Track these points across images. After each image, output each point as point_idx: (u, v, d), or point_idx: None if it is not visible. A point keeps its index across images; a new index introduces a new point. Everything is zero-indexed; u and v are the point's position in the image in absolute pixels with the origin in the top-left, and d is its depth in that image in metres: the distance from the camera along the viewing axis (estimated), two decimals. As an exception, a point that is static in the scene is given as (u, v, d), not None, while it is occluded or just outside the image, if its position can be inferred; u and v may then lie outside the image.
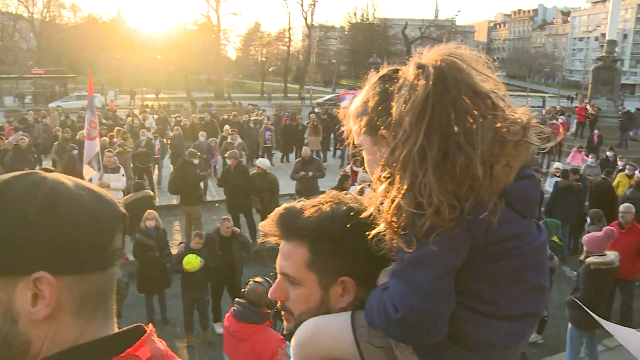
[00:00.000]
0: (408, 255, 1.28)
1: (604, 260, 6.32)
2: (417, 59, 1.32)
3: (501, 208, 1.27)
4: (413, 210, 1.23)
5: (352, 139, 1.54)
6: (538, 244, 1.39)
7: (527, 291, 1.37)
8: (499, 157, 1.25)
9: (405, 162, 1.25)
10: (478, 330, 1.33)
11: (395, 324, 1.29)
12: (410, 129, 1.25)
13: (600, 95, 27.75)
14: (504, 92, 1.34)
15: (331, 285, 1.45)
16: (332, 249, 1.43)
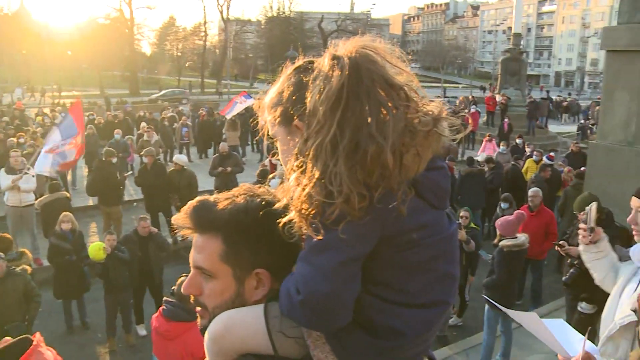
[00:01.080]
0: (316, 241, 1.29)
1: (515, 242, 6.58)
2: (333, 50, 1.34)
3: (411, 197, 1.30)
4: (323, 198, 1.24)
5: (267, 131, 1.53)
6: (448, 234, 1.43)
7: (437, 280, 1.40)
8: (410, 147, 1.28)
9: (318, 152, 1.27)
10: (389, 319, 1.35)
11: (297, 307, 1.30)
12: (324, 119, 1.27)
13: (509, 85, 28.97)
14: (417, 85, 1.37)
15: (246, 278, 1.45)
16: (246, 241, 1.43)
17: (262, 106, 1.53)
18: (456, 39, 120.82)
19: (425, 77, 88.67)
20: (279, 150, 1.53)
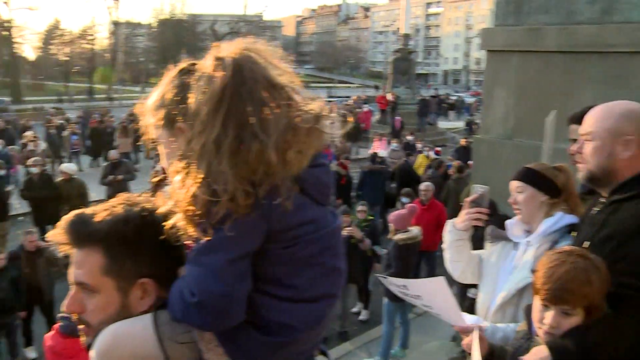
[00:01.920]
0: (204, 241, 1.29)
1: (409, 235, 6.78)
2: (215, 52, 1.35)
3: (295, 193, 1.33)
4: (208, 198, 1.25)
5: (150, 134, 1.52)
6: (332, 228, 1.47)
7: (324, 274, 1.43)
8: (292, 144, 1.31)
9: (202, 152, 1.27)
10: (279, 315, 1.37)
11: (192, 309, 1.30)
12: (207, 119, 1.27)
13: (400, 84, 29.93)
14: (298, 85, 1.41)
15: (130, 289, 1.42)
16: (128, 251, 1.40)
17: (145, 109, 1.51)
18: (348, 40, 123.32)
19: (319, 78, 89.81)
20: (162, 154, 1.51)
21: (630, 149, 1.99)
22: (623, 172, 2.02)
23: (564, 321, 1.83)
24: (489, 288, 2.69)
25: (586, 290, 1.77)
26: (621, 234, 1.89)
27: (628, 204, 1.95)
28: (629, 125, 2.00)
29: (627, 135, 1.99)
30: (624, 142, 1.99)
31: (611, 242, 1.92)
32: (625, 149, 2.00)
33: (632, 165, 2.00)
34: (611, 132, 2.03)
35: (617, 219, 1.95)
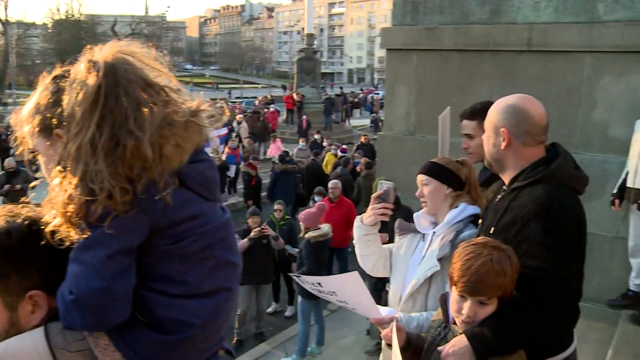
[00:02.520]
0: (83, 239, 1.28)
1: (320, 233, 6.85)
2: (89, 55, 1.36)
3: (180, 190, 1.35)
4: (86, 197, 1.25)
5: (27, 144, 1.48)
6: (221, 222, 1.49)
7: (216, 267, 1.45)
8: (169, 138, 1.32)
9: (78, 153, 1.27)
10: (174, 312, 1.37)
11: (72, 308, 1.28)
12: (83, 121, 1.28)
13: (305, 83, 30.16)
14: (176, 84, 1.43)
15: (18, 304, 1.37)
16: (13, 264, 1.36)
17: (20, 119, 1.48)
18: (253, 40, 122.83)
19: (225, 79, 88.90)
20: (40, 162, 1.48)
21: (506, 140, 2.16)
22: (509, 160, 2.19)
23: (481, 311, 1.92)
24: (399, 278, 2.78)
25: (501, 280, 1.86)
26: (522, 218, 2.01)
27: (527, 189, 2.08)
28: (503, 119, 2.18)
29: (502, 128, 2.16)
30: (501, 134, 2.17)
31: (513, 226, 2.04)
32: (502, 140, 2.17)
33: (518, 154, 2.17)
34: (493, 124, 2.22)
35: (517, 205, 2.07)
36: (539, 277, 1.92)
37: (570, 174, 2.13)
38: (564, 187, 2.08)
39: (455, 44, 6.32)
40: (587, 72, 5.66)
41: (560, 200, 2.02)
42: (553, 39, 5.75)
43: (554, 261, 1.92)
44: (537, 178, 2.07)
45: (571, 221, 2.01)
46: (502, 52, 6.06)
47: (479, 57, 6.22)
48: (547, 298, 1.91)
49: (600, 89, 5.61)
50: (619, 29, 5.43)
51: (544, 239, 1.94)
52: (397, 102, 6.86)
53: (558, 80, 5.80)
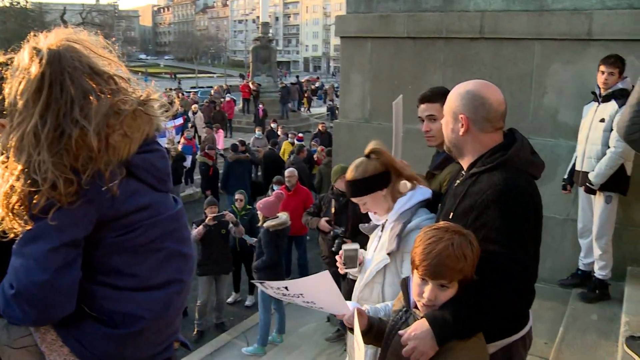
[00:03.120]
0: (26, 232, 1.25)
1: (279, 221, 6.83)
2: (33, 43, 1.31)
3: (123, 178, 1.32)
4: (28, 188, 1.22)
5: None
6: (173, 213, 1.46)
7: (167, 259, 1.42)
8: (116, 128, 1.29)
9: (20, 144, 1.24)
10: (122, 305, 1.34)
11: (13, 302, 1.25)
12: (26, 110, 1.24)
13: (261, 72, 29.95)
14: (126, 73, 1.40)
15: None
16: None
17: None
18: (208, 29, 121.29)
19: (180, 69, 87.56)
20: None
21: (464, 127, 2.17)
22: (468, 146, 2.22)
23: (441, 294, 1.94)
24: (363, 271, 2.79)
25: (461, 265, 1.88)
26: (480, 204, 2.04)
27: (485, 175, 2.11)
28: (462, 105, 2.19)
29: (461, 114, 2.18)
30: (459, 120, 2.19)
31: (472, 212, 2.06)
32: (461, 126, 2.18)
33: (476, 140, 2.19)
34: (451, 110, 2.23)
35: (476, 190, 2.09)
36: (498, 262, 1.95)
37: (527, 160, 2.18)
38: (521, 172, 2.12)
39: (409, 32, 6.36)
40: (537, 59, 5.79)
41: (518, 186, 2.06)
42: (504, 27, 5.85)
43: (512, 246, 1.96)
44: (495, 164, 2.10)
45: (528, 206, 2.06)
46: (455, 40, 6.14)
47: (433, 44, 6.29)
48: (506, 282, 1.95)
49: (550, 75, 5.75)
50: (565, 17, 5.56)
51: (502, 225, 1.98)
52: (352, 90, 6.89)
53: (510, 66, 5.91)
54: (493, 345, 2.18)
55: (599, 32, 5.42)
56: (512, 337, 2.22)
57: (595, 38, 5.44)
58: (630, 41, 5.27)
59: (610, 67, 4.80)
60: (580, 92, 5.46)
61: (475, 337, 1.95)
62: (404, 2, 6.45)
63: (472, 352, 1.92)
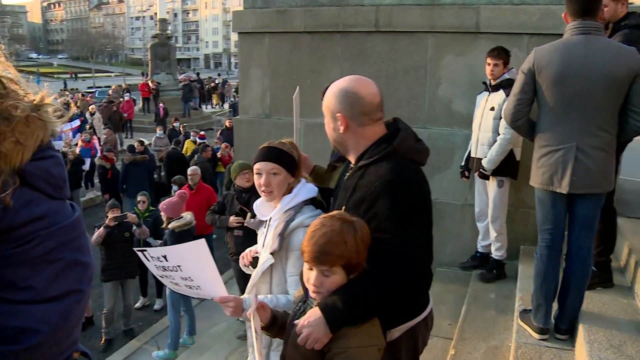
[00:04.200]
0: None
1: (183, 222, 6.69)
2: None
3: (23, 190, 1.25)
4: None
5: None
6: (70, 221, 1.40)
7: (65, 269, 1.36)
8: (7, 135, 1.22)
9: None
10: (17, 320, 1.27)
11: None
12: None
13: (160, 70, 29.24)
14: (15, 75, 1.31)
15: None
16: None
17: None
18: (104, 26, 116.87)
19: (75, 68, 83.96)
20: None
21: (343, 124, 2.22)
22: (351, 142, 2.26)
23: (326, 280, 1.97)
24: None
25: (340, 250, 1.92)
26: (369, 195, 2.08)
27: (372, 167, 2.15)
28: (337, 104, 2.23)
29: (338, 113, 2.22)
30: (338, 119, 2.23)
31: (362, 204, 2.11)
32: (340, 124, 2.23)
33: (358, 135, 2.24)
34: (329, 110, 2.27)
35: (364, 183, 2.13)
36: (389, 249, 2.01)
37: (412, 148, 2.23)
38: (407, 161, 2.17)
39: (306, 26, 6.41)
40: (430, 51, 5.99)
41: (405, 175, 2.11)
42: (398, 20, 6.02)
43: (401, 234, 2.02)
44: (381, 155, 2.15)
45: (416, 194, 2.12)
46: (352, 33, 6.25)
47: (330, 38, 6.37)
48: (396, 267, 2.00)
49: (443, 67, 5.97)
50: (455, 11, 5.80)
51: (392, 214, 2.03)
52: (251, 86, 6.86)
53: (405, 59, 6.09)
54: (397, 330, 2.25)
55: (486, 26, 5.69)
56: (414, 320, 2.29)
57: (483, 31, 5.71)
58: (513, 34, 5.58)
59: (494, 58, 5.06)
60: (472, 83, 5.71)
61: (369, 323, 2.00)
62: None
63: (364, 337, 1.97)
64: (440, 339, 4.60)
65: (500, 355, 4.03)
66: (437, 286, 5.66)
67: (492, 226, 5.28)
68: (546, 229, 3.42)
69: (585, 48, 3.14)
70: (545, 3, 5.50)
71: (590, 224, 3.37)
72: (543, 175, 3.29)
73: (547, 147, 3.27)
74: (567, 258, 3.45)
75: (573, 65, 3.13)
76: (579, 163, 3.17)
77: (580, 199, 3.28)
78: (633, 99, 3.15)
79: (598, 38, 3.19)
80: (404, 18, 5.99)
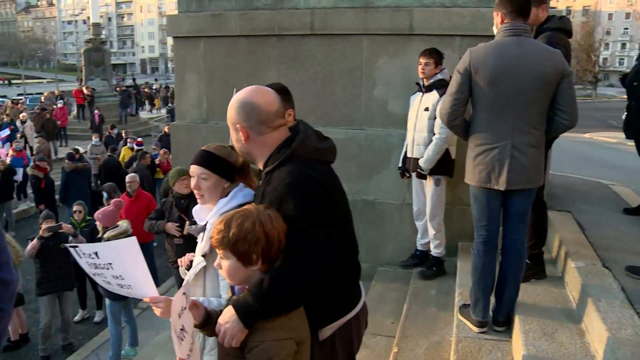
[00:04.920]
0: None
1: (120, 230, 6.52)
2: None
3: None
4: None
5: None
6: None
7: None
8: None
9: None
10: None
11: None
12: None
13: (95, 76, 28.52)
14: None
15: None
16: None
17: None
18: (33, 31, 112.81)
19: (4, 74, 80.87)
20: None
21: (244, 135, 2.26)
22: (255, 151, 2.30)
23: (223, 265, 2.08)
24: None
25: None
26: (275, 200, 2.12)
27: (275, 173, 2.20)
28: (236, 115, 2.27)
29: (237, 124, 2.26)
30: (238, 130, 2.26)
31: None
32: (241, 135, 2.26)
33: (260, 143, 2.27)
34: (231, 122, 2.31)
35: (270, 189, 2.18)
36: (299, 245, 2.04)
37: (313, 148, 2.25)
38: (308, 161, 2.21)
39: (242, 30, 6.38)
40: (366, 54, 6.07)
41: (305, 174, 2.15)
42: (333, 23, 6.07)
43: (311, 229, 2.05)
44: (281, 160, 2.19)
45: (319, 191, 2.15)
46: (287, 37, 6.26)
47: (265, 42, 6.36)
48: (306, 262, 2.04)
49: (378, 68, 6.06)
50: (389, 13, 5.90)
51: (298, 213, 2.07)
52: (188, 91, 6.78)
53: (341, 61, 6.15)
54: (329, 328, 2.29)
55: (419, 28, 5.81)
56: (346, 316, 2.33)
57: (417, 33, 5.84)
58: (445, 36, 5.72)
59: (426, 58, 5.18)
60: (407, 84, 5.81)
61: (285, 317, 2.03)
62: (236, 1, 6.47)
63: (279, 331, 2.00)
64: (384, 338, 4.66)
65: (442, 350, 4.12)
66: (378, 285, 5.75)
67: (430, 224, 5.38)
68: (482, 225, 3.52)
69: (517, 49, 3.27)
70: (475, 6, 5.66)
71: (524, 217, 3.51)
72: (480, 173, 3.39)
73: (483, 145, 3.38)
74: (502, 252, 3.57)
75: (507, 65, 3.25)
76: (514, 160, 3.30)
77: (515, 194, 3.41)
78: (560, 98, 3.32)
79: (528, 40, 3.35)
80: (339, 21, 6.05)
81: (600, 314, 3.10)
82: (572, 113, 3.34)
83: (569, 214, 5.36)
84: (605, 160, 15.56)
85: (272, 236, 2.02)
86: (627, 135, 5.52)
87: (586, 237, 4.62)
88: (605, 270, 3.83)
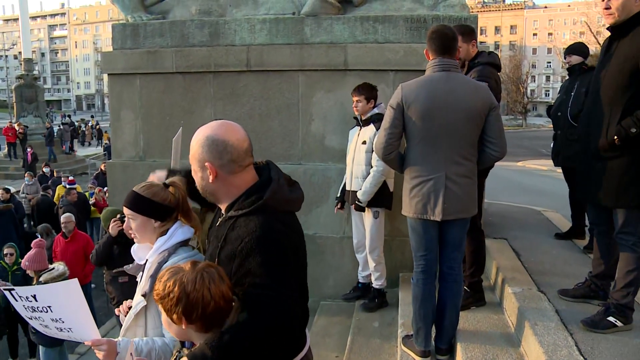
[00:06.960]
0: None
1: (56, 273, 6.20)
2: None
3: None
4: None
5: None
6: None
7: None
8: None
9: None
10: None
11: None
12: None
13: (27, 113, 27.72)
14: None
15: None
16: None
17: None
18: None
19: None
20: None
21: (212, 174, 2.14)
22: (222, 190, 2.19)
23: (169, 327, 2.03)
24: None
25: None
26: (240, 252, 2.02)
27: (242, 219, 2.09)
28: (205, 152, 2.14)
29: (206, 162, 2.13)
30: (206, 168, 2.14)
31: (234, 260, 2.04)
32: (209, 174, 2.14)
33: (228, 183, 2.17)
34: (196, 160, 2.18)
35: (235, 236, 2.07)
36: (263, 303, 1.97)
37: (284, 199, 2.18)
38: (278, 214, 2.13)
39: (178, 67, 6.36)
40: (302, 89, 6.15)
41: (274, 230, 2.07)
42: (269, 59, 6.13)
43: (277, 288, 1.99)
44: (251, 209, 2.09)
45: (286, 247, 2.08)
46: (224, 73, 6.27)
47: (202, 78, 6.36)
48: (270, 322, 1.97)
49: (315, 103, 6.13)
50: (324, 49, 6.00)
51: (265, 270, 1.99)
52: (124, 128, 6.67)
53: (277, 97, 6.20)
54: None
55: (353, 63, 5.94)
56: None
57: (351, 68, 5.95)
58: (379, 71, 5.86)
59: (357, 95, 5.31)
60: (343, 118, 5.90)
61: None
62: (172, 38, 6.44)
63: None
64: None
65: (386, 382, 4.13)
66: (322, 319, 5.72)
67: (370, 256, 5.42)
68: (421, 255, 3.59)
69: (446, 84, 3.40)
70: (407, 41, 5.83)
71: (459, 245, 3.61)
72: (417, 205, 3.46)
73: (418, 177, 3.46)
74: (440, 279, 3.64)
75: (437, 100, 3.36)
76: (448, 191, 3.39)
77: (451, 223, 3.49)
78: (489, 130, 3.46)
79: (457, 75, 3.48)
80: (275, 57, 6.11)
81: (537, 338, 3.19)
82: (501, 144, 3.48)
83: (505, 241, 5.51)
84: (537, 187, 16.14)
85: (193, 298, 1.93)
86: (556, 162, 5.77)
87: (522, 262, 4.76)
88: (540, 294, 3.95)
